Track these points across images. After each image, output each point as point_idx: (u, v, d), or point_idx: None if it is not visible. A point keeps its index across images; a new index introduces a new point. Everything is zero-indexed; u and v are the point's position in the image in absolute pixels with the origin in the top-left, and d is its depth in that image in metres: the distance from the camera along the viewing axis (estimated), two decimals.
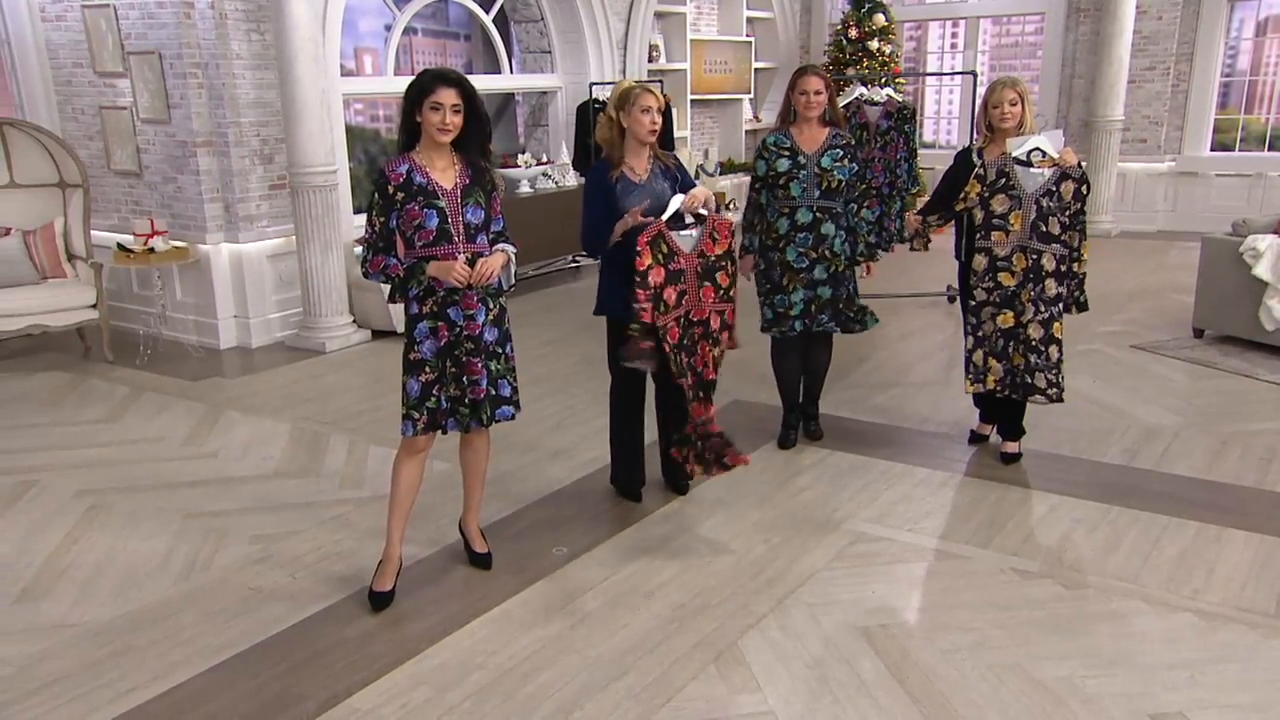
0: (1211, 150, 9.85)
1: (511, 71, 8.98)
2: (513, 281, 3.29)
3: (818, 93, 3.99)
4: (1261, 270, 5.58)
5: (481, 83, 8.75)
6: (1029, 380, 4.03)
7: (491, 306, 3.21)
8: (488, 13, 8.50)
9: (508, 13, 8.95)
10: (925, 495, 3.98)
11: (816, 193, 4.05)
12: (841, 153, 4.06)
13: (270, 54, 6.14)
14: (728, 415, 4.99)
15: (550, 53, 8.99)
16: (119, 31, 6.15)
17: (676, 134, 9.42)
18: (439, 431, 3.19)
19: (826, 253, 4.12)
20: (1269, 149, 9.73)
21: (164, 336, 6.41)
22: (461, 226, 3.09)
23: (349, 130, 7.84)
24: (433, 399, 3.13)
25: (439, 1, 8.56)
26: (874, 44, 9.77)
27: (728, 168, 10.68)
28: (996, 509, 3.84)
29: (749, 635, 3.01)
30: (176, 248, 6.11)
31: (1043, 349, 3.99)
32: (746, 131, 11.03)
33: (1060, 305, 4.00)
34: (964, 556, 3.48)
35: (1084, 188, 3.89)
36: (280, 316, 6.53)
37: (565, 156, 8.62)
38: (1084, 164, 4.12)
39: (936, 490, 4.03)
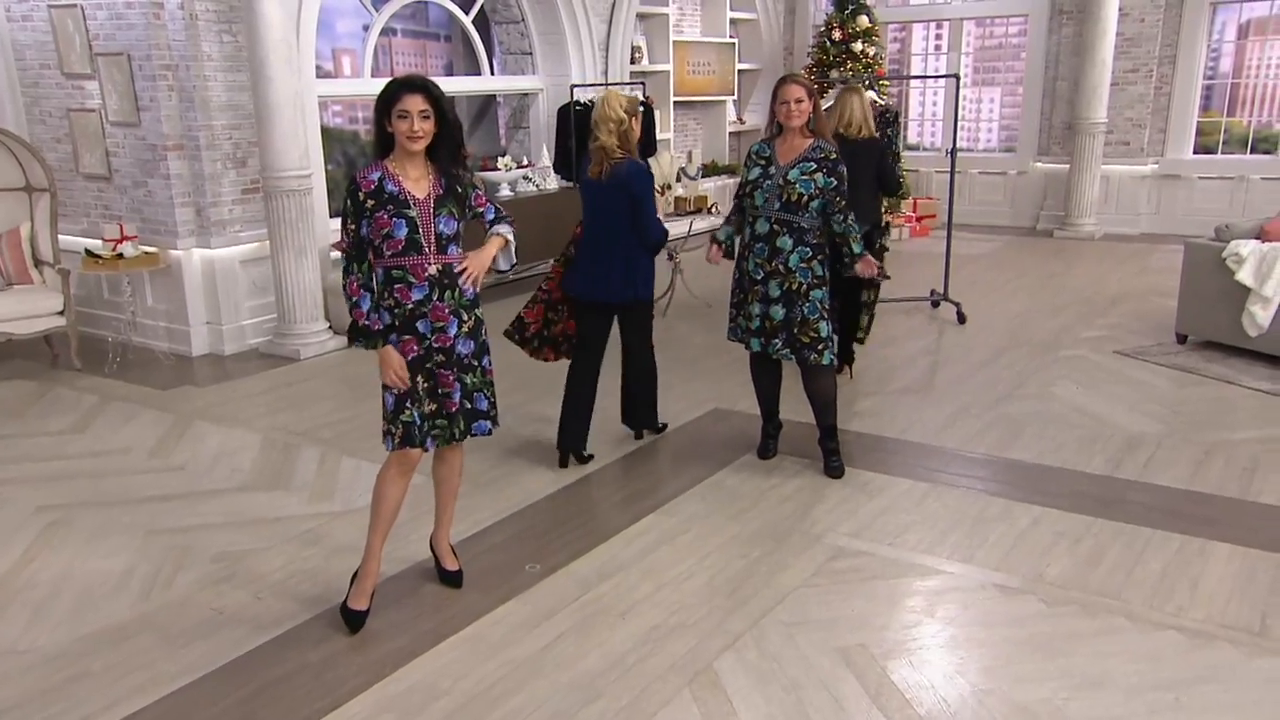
0: (1194, 153, 9.86)
1: (493, 73, 8.89)
2: (513, 260, 3.22)
3: (798, 101, 3.90)
4: (1244, 276, 5.55)
5: (462, 84, 8.67)
6: None
7: (466, 318, 3.12)
8: (467, 14, 8.40)
9: (488, 13, 8.85)
10: (906, 507, 3.92)
11: (777, 204, 3.94)
12: (814, 166, 3.93)
13: (243, 55, 6.02)
14: (707, 424, 4.93)
15: (531, 54, 8.90)
16: (87, 32, 6.02)
17: (660, 136, 9.35)
18: (421, 448, 3.09)
19: (780, 267, 3.97)
20: (1251, 152, 9.74)
21: (134, 343, 6.28)
22: (433, 237, 3.01)
23: (328, 132, 7.72)
24: (406, 412, 3.05)
25: (418, 2, 8.45)
26: (858, 46, 9.72)
27: (711, 170, 10.61)
28: (978, 522, 3.78)
29: (725, 657, 2.94)
30: (146, 253, 5.99)
31: None
32: (730, 133, 10.98)
33: None
34: (945, 572, 3.41)
35: None
36: (254, 323, 6.42)
37: (546, 159, 8.53)
38: None
39: (917, 502, 3.96)
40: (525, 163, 8.34)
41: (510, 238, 3.18)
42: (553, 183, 8.43)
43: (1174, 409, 4.95)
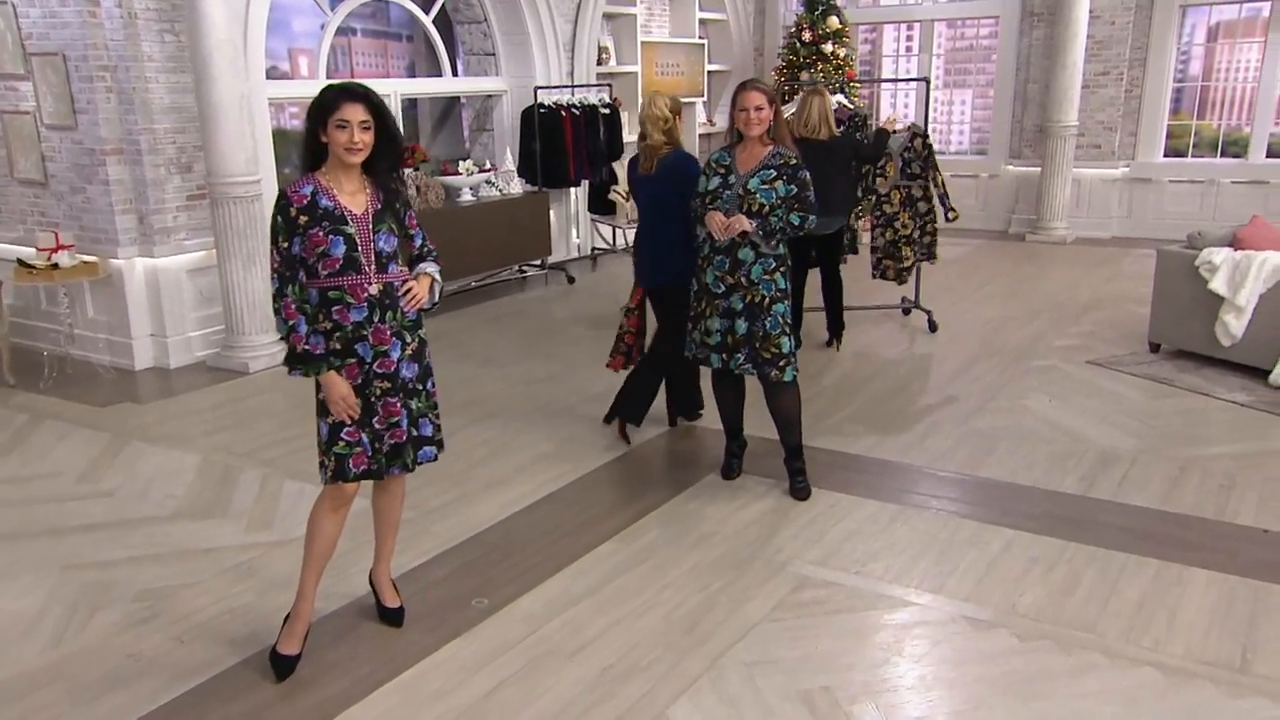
0: (1165, 156, 9.81)
1: (456, 74, 8.65)
2: (436, 300, 3.00)
3: (758, 108, 3.72)
4: (1217, 284, 5.45)
5: (424, 85, 8.43)
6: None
7: (409, 340, 2.91)
8: (427, 13, 8.16)
9: (450, 13, 8.61)
10: (873, 532, 3.75)
11: (736, 215, 3.76)
12: (774, 174, 3.76)
13: (185, 56, 5.76)
14: (671, 441, 4.75)
15: (494, 55, 8.67)
16: (19, 31, 5.73)
17: (626, 139, 9.16)
18: (354, 482, 2.88)
19: (743, 280, 3.80)
20: (1221, 155, 9.71)
21: (73, 357, 5.99)
22: (373, 255, 2.80)
23: (286, 135, 7.45)
24: (341, 444, 2.83)
25: (378, 1, 8.21)
26: (828, 47, 9.58)
27: None
28: (948, 547, 3.62)
29: (680, 703, 2.75)
30: (85, 263, 5.72)
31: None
32: (700, 135, 10.79)
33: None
34: (913, 604, 3.25)
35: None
36: (201, 335, 6.15)
37: (510, 163, 8.30)
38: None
39: (885, 526, 3.80)
40: (488, 166, 8.11)
41: (438, 277, 2.97)
42: (517, 187, 8.21)
43: (1148, 422, 4.83)
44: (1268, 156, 9.38)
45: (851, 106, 6.86)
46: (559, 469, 4.40)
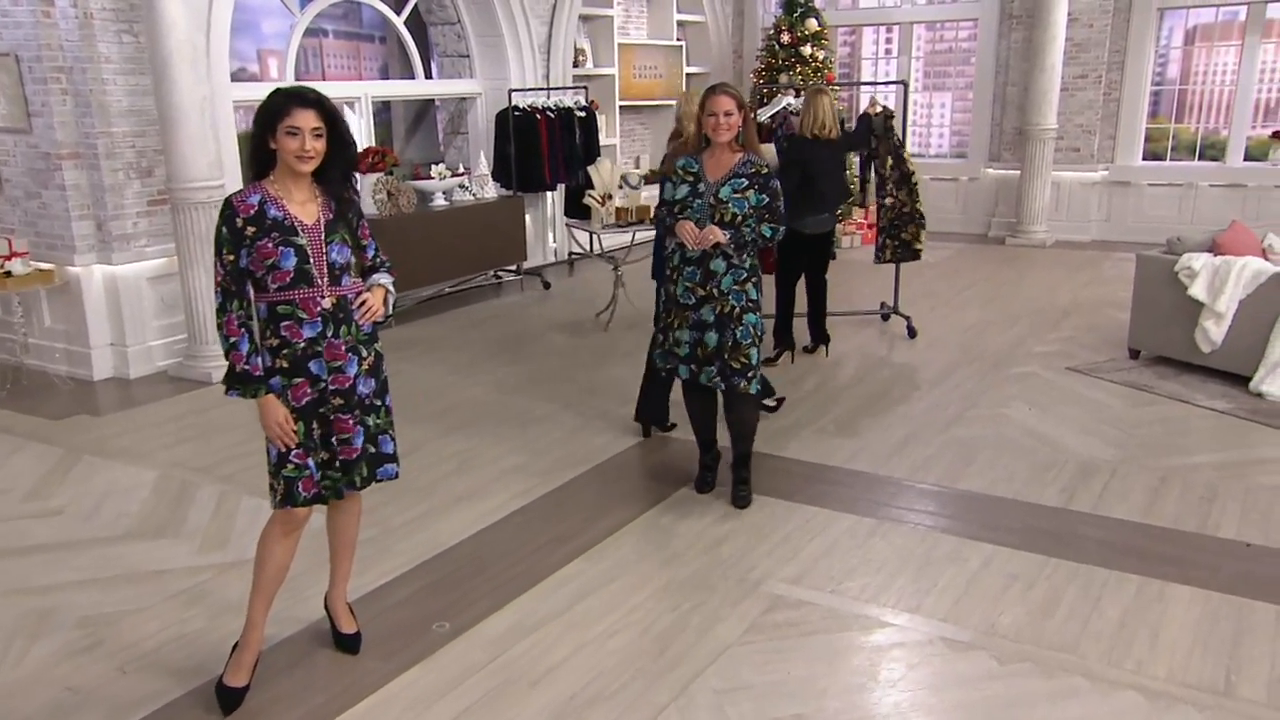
0: (1143, 159, 9.80)
1: (429, 76, 8.51)
2: (390, 312, 2.86)
3: (728, 114, 3.60)
4: (1197, 290, 5.39)
5: (397, 88, 8.29)
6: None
7: (365, 355, 2.78)
8: (399, 14, 8.01)
9: (422, 14, 8.47)
10: (849, 548, 3.65)
11: (708, 225, 3.64)
12: (746, 183, 3.64)
13: (145, 57, 5.59)
14: (644, 453, 4.64)
15: (468, 57, 8.53)
16: None
17: (604, 141, 9.05)
18: (305, 506, 2.75)
19: (714, 291, 3.69)
20: (1199, 158, 9.71)
21: (29, 367, 5.81)
22: (325, 267, 2.66)
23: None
24: (290, 467, 2.70)
25: (350, 2, 8.06)
26: (807, 49, 9.50)
27: (656, 178, 10.31)
28: (926, 563, 3.52)
29: None
30: (40, 270, 5.54)
31: None
32: None
33: None
34: (889, 624, 3.14)
35: None
36: (163, 344, 5.98)
37: (484, 167, 8.16)
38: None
39: (862, 541, 3.70)
40: (462, 170, 7.96)
41: (391, 288, 2.84)
42: (491, 191, 8.07)
43: (1128, 431, 4.76)
44: (1245, 160, 9.38)
45: None
46: (530, 482, 4.28)
